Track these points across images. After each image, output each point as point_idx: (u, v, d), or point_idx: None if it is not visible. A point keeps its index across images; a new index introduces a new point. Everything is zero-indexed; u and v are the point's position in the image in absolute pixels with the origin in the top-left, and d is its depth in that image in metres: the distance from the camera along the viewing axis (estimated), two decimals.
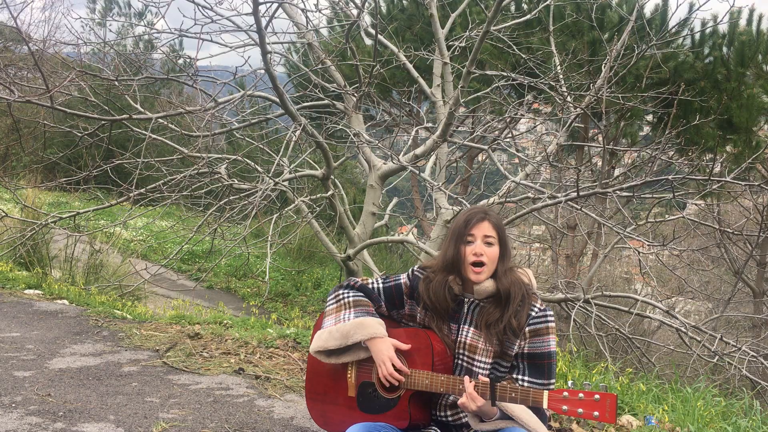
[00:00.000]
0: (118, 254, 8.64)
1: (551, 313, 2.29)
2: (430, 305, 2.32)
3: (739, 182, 4.60)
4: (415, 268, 2.44)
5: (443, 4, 6.70)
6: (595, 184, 5.24)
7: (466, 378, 2.16)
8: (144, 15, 17.79)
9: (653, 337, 9.41)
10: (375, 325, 2.30)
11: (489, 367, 2.27)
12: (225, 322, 5.39)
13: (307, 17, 5.76)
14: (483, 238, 2.27)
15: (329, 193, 5.63)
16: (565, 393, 2.00)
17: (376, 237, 6.29)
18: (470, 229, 2.28)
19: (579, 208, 5.00)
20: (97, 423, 3.31)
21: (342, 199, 6.51)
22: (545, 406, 2.02)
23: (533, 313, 2.26)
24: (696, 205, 7.96)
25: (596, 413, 1.95)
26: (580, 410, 1.96)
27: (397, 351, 2.31)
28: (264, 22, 4.33)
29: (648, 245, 5.06)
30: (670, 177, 4.89)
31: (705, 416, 3.61)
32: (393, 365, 2.25)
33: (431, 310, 2.33)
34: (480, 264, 2.25)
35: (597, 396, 1.96)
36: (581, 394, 1.98)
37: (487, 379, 2.13)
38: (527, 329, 2.25)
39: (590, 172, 7.42)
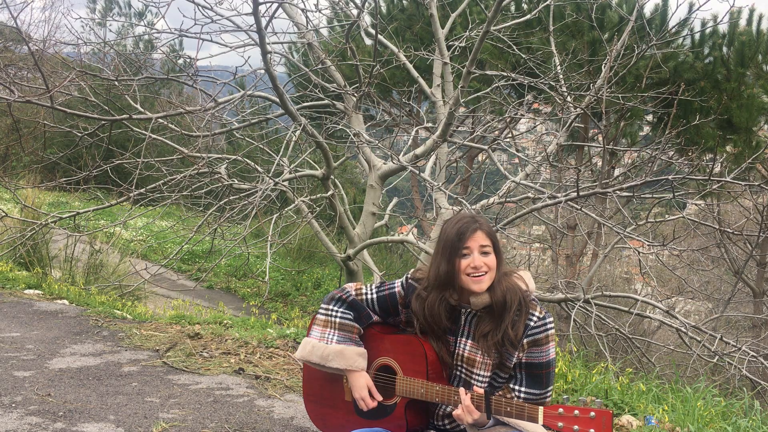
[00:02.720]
0: (118, 254, 8.64)
1: (550, 320, 2.23)
2: (426, 324, 2.27)
3: (739, 182, 4.59)
4: (408, 276, 2.38)
5: (443, 4, 6.70)
6: (595, 184, 5.24)
7: (462, 390, 2.14)
8: (144, 15, 17.78)
9: (653, 337, 9.41)
10: (354, 357, 2.31)
11: (487, 379, 2.24)
12: (225, 322, 5.39)
13: (307, 17, 5.76)
14: (479, 249, 2.18)
15: (329, 193, 5.63)
16: (561, 410, 1.97)
17: (376, 237, 6.29)
18: (465, 242, 2.18)
19: (579, 208, 4.99)
20: (97, 423, 3.31)
21: (342, 199, 6.50)
22: (540, 422, 2.00)
23: (531, 323, 2.20)
24: (696, 205, 7.96)
25: (592, 431, 1.93)
26: (576, 427, 1.94)
27: (391, 358, 2.32)
28: (264, 22, 4.33)
29: (648, 245, 5.05)
30: (670, 177, 4.88)
31: (705, 416, 3.61)
32: (370, 395, 2.32)
33: (427, 328, 2.29)
34: (480, 274, 2.18)
35: (593, 413, 1.93)
36: (576, 411, 1.95)
37: (482, 391, 2.11)
38: (525, 341, 2.19)
39: (590, 172, 7.41)
